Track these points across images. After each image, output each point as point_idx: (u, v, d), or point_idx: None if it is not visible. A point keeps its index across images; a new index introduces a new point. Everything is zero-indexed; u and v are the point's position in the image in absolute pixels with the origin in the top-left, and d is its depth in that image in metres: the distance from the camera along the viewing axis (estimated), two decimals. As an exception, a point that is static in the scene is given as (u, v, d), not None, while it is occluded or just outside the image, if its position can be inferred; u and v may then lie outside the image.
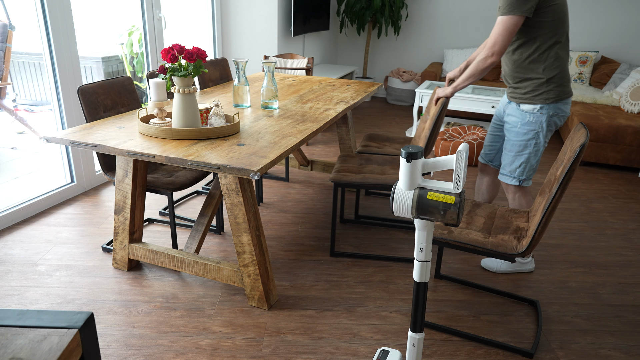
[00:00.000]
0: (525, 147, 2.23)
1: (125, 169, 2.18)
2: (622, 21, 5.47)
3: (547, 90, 2.14)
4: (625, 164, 3.98)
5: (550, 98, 2.15)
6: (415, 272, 1.48)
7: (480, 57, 2.11)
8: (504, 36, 2.04)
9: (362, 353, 1.87)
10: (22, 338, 0.61)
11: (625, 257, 2.67)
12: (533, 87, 2.17)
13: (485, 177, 2.54)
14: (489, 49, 2.07)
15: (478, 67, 2.12)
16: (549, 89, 2.14)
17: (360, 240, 2.73)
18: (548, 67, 2.13)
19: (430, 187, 1.36)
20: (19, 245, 2.55)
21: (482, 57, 2.10)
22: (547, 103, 2.15)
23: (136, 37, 4.98)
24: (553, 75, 2.13)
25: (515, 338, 1.98)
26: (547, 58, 2.12)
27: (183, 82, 2.02)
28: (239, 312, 2.08)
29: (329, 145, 4.42)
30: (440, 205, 1.33)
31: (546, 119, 2.18)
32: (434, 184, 1.37)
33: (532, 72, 2.16)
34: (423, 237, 1.42)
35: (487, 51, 2.08)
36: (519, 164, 2.26)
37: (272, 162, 1.80)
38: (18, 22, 5.04)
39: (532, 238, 1.77)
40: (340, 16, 6.41)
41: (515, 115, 2.24)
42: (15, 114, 4.12)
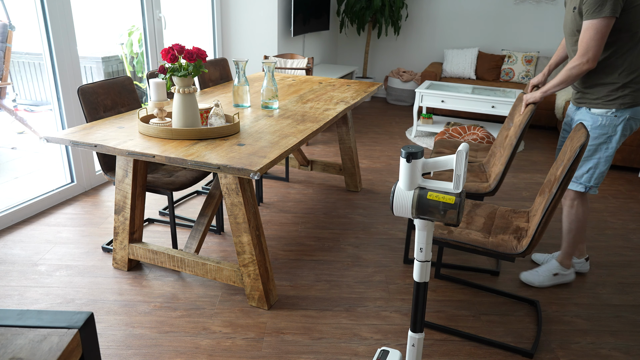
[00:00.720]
0: (595, 151, 2.10)
1: (125, 169, 2.18)
2: (622, 21, 5.46)
3: (623, 95, 2.02)
4: (625, 164, 3.98)
5: (626, 103, 2.02)
6: (415, 272, 1.48)
7: (574, 64, 2.00)
8: (597, 40, 1.93)
9: (362, 353, 1.87)
10: (22, 338, 0.61)
11: (625, 257, 2.67)
12: (607, 92, 2.05)
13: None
14: (582, 56, 1.98)
15: (572, 73, 2.02)
16: (624, 93, 2.02)
17: (360, 240, 2.73)
18: (625, 72, 2.01)
19: (430, 187, 1.36)
20: (19, 245, 2.55)
21: (576, 63, 2.00)
22: (623, 108, 2.04)
23: (136, 37, 4.98)
24: (630, 80, 2.01)
25: (515, 338, 1.98)
26: (623, 62, 2.00)
27: (183, 82, 2.01)
28: (239, 312, 2.08)
29: (329, 145, 4.42)
30: (440, 205, 1.33)
31: (622, 123, 2.05)
32: (434, 184, 1.37)
33: (606, 77, 2.04)
34: (423, 237, 1.42)
35: (581, 58, 1.98)
36: (587, 169, 2.12)
37: (272, 162, 1.80)
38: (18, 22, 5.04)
39: (532, 238, 1.77)
40: (340, 16, 6.41)
41: (586, 118, 2.12)
42: (15, 114, 4.12)
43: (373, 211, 3.11)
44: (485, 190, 2.34)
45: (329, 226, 2.88)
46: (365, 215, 3.04)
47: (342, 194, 3.36)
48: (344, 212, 3.08)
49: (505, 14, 5.85)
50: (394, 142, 4.60)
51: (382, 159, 4.13)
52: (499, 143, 2.53)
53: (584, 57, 1.97)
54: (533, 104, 2.26)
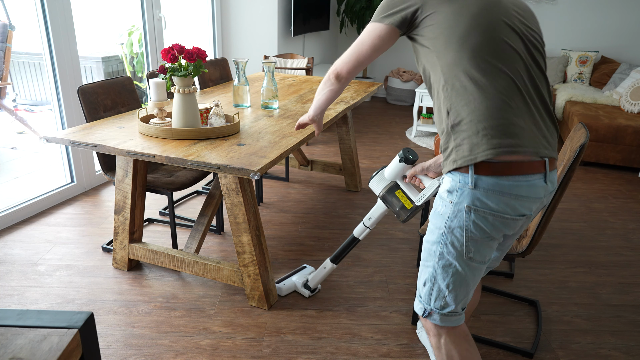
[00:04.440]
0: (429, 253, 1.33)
1: (125, 169, 2.18)
2: (622, 21, 5.47)
3: (456, 147, 1.22)
4: (625, 164, 3.98)
5: (460, 159, 1.21)
6: (357, 230, 1.93)
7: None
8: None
9: (362, 353, 1.87)
10: (22, 338, 0.61)
11: (625, 257, 2.66)
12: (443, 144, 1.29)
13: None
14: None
15: None
16: (457, 143, 1.23)
17: (360, 240, 2.73)
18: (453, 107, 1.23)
19: (403, 187, 1.65)
20: (19, 245, 2.55)
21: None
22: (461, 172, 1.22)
23: (136, 37, 4.98)
24: (461, 120, 1.21)
25: (515, 338, 1.98)
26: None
27: (183, 82, 2.01)
28: (239, 312, 2.08)
29: (329, 145, 4.42)
30: (400, 203, 1.66)
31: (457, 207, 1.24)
32: (407, 188, 1.64)
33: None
34: (378, 212, 1.83)
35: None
36: (423, 280, 1.36)
37: (272, 162, 1.80)
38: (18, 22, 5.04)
39: (532, 238, 1.77)
40: (340, 16, 6.41)
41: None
42: (15, 114, 4.12)
43: (373, 211, 3.11)
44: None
45: (329, 226, 2.88)
46: (364, 215, 3.04)
47: (342, 194, 3.36)
48: (344, 212, 3.08)
49: (505, 14, 5.84)
50: (394, 142, 4.60)
51: (382, 159, 4.13)
52: None
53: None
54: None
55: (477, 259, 1.26)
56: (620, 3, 5.41)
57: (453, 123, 1.23)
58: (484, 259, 1.27)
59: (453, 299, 1.29)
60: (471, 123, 1.19)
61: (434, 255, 1.29)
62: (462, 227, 1.23)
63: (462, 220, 1.22)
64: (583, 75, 5.39)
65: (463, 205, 1.21)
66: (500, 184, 1.18)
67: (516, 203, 1.19)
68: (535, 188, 1.20)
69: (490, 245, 1.26)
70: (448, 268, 1.27)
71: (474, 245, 1.24)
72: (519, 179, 1.18)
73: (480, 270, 1.30)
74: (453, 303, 1.30)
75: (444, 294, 1.29)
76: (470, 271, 1.28)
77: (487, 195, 1.19)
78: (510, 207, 1.20)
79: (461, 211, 1.22)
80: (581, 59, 5.41)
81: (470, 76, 1.19)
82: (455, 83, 1.21)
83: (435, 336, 1.36)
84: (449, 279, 1.28)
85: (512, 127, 1.17)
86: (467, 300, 1.33)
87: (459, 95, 1.21)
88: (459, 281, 1.28)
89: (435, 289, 1.31)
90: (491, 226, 1.22)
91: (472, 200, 1.20)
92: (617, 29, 5.51)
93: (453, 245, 1.25)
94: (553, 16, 5.68)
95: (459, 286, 1.28)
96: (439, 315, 1.32)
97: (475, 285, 1.33)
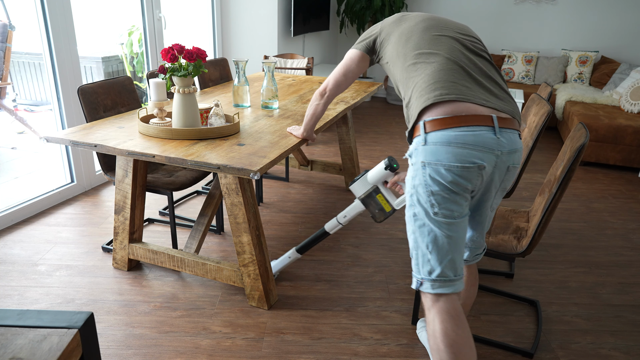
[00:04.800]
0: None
1: (125, 169, 2.18)
2: (622, 21, 5.47)
3: (410, 116, 1.42)
4: (625, 164, 3.98)
5: (412, 118, 1.40)
6: (329, 224, 2.03)
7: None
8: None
9: (362, 353, 1.87)
10: (22, 338, 0.61)
11: (625, 257, 2.66)
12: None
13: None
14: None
15: None
16: (410, 113, 1.43)
17: (360, 240, 2.73)
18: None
19: (383, 192, 1.83)
20: (19, 245, 2.55)
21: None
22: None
23: (136, 37, 4.98)
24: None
25: (515, 338, 1.98)
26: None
27: (183, 82, 2.01)
28: (239, 312, 2.08)
29: (329, 145, 4.42)
30: (379, 205, 1.83)
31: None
32: (387, 192, 1.82)
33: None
34: (354, 211, 1.95)
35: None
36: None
37: (272, 162, 1.80)
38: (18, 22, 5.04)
39: (532, 238, 1.77)
40: (340, 16, 6.41)
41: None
42: (15, 114, 4.12)
43: (373, 211, 3.11)
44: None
45: (329, 226, 2.88)
46: (365, 215, 3.04)
47: (342, 194, 3.36)
48: (344, 212, 3.08)
49: (505, 14, 5.85)
50: (394, 142, 4.60)
51: (382, 159, 4.13)
52: None
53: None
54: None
55: (444, 213, 1.32)
56: (620, 3, 5.41)
57: (407, 102, 1.43)
58: (451, 215, 1.33)
59: (436, 260, 1.35)
60: (417, 92, 1.39)
61: (411, 219, 1.39)
62: (422, 183, 1.33)
63: (421, 176, 1.33)
64: (583, 75, 5.39)
65: (419, 162, 1.34)
66: (446, 135, 1.29)
67: (464, 151, 1.28)
68: (483, 138, 1.29)
69: (455, 200, 1.32)
70: (423, 228, 1.36)
71: (437, 200, 1.32)
72: (463, 129, 1.29)
73: (453, 228, 1.34)
74: (438, 265, 1.35)
75: (427, 257, 1.37)
76: (442, 229, 1.34)
77: (437, 148, 1.30)
78: (459, 156, 1.28)
79: (418, 168, 1.34)
80: (581, 59, 5.41)
81: (415, 63, 1.43)
82: (409, 74, 1.44)
83: (427, 310, 1.40)
84: (427, 238, 1.36)
85: (450, 83, 1.34)
86: (455, 267, 1.37)
87: (410, 80, 1.43)
88: (436, 240, 1.34)
89: (420, 255, 1.39)
90: (446, 178, 1.30)
91: (424, 155, 1.32)
92: (617, 29, 5.51)
93: (420, 203, 1.35)
94: (553, 16, 5.68)
95: (438, 246, 1.35)
96: (429, 282, 1.37)
97: (456, 248, 1.36)
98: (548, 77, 5.51)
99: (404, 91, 1.46)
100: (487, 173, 1.34)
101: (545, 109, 2.19)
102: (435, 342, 1.35)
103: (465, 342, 1.34)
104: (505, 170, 1.38)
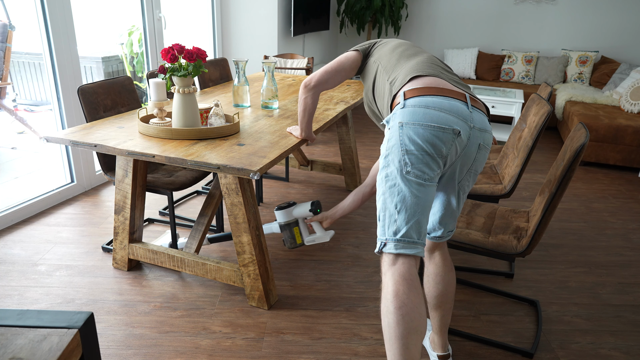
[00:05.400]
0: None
1: (125, 169, 2.18)
2: (622, 21, 5.47)
3: (393, 90, 1.60)
4: (625, 164, 3.98)
5: (395, 88, 1.57)
6: (267, 228, 2.15)
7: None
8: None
9: (362, 353, 1.87)
10: (22, 338, 0.61)
11: (625, 257, 2.66)
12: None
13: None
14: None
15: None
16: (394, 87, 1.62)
17: (360, 240, 2.73)
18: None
19: (300, 226, 2.07)
20: (19, 245, 2.55)
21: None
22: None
23: (136, 37, 4.98)
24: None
25: (515, 338, 1.98)
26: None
27: (183, 82, 2.01)
28: (239, 312, 2.08)
29: (329, 145, 4.42)
30: (293, 235, 2.07)
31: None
32: (303, 227, 2.07)
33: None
34: (270, 230, 2.13)
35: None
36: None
37: (272, 162, 1.80)
38: (18, 22, 5.04)
39: (532, 238, 1.77)
40: (340, 16, 6.41)
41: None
42: (15, 114, 4.12)
43: (373, 211, 3.11)
44: (500, 193, 2.32)
45: (328, 226, 2.88)
46: (365, 215, 3.04)
47: (342, 194, 3.36)
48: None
49: (505, 14, 5.85)
50: (394, 142, 4.60)
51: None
52: (512, 144, 2.52)
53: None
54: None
55: (415, 173, 1.37)
56: (620, 3, 5.41)
57: (391, 81, 1.56)
58: (422, 176, 1.38)
59: (403, 220, 1.38)
60: (401, 73, 1.54)
61: (382, 181, 1.43)
62: (398, 143, 1.38)
63: (397, 137, 1.39)
64: (583, 75, 5.39)
65: (396, 123, 1.40)
66: (424, 100, 1.39)
67: (441, 114, 1.37)
68: (457, 108, 1.40)
69: (427, 162, 1.37)
70: (393, 188, 1.39)
71: (410, 159, 1.37)
72: (440, 97, 1.40)
73: (422, 190, 1.38)
74: (404, 225, 1.38)
75: (394, 217, 1.39)
76: (412, 189, 1.37)
77: (415, 110, 1.38)
78: (435, 117, 1.36)
79: (395, 129, 1.40)
80: (581, 59, 5.41)
81: (401, 58, 1.62)
82: (394, 67, 1.61)
83: (383, 275, 1.42)
84: (396, 198, 1.38)
85: (429, 68, 1.52)
86: (420, 230, 1.40)
87: (395, 68, 1.59)
88: (404, 200, 1.38)
89: (387, 216, 1.40)
90: (422, 137, 1.36)
91: (402, 116, 1.39)
92: (617, 29, 5.51)
93: (393, 162, 1.39)
94: (553, 16, 5.68)
95: (406, 206, 1.38)
96: (393, 242, 1.39)
97: (423, 212, 1.39)
98: (548, 77, 5.51)
99: (388, 75, 1.61)
100: (462, 144, 1.41)
101: (545, 109, 2.19)
102: (386, 305, 1.37)
103: (415, 306, 1.34)
104: (477, 147, 1.46)
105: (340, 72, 1.78)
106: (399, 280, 1.36)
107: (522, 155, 2.27)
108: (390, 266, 1.39)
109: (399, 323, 1.33)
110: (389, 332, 1.36)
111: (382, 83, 1.63)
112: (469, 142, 1.43)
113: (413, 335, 1.33)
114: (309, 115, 1.95)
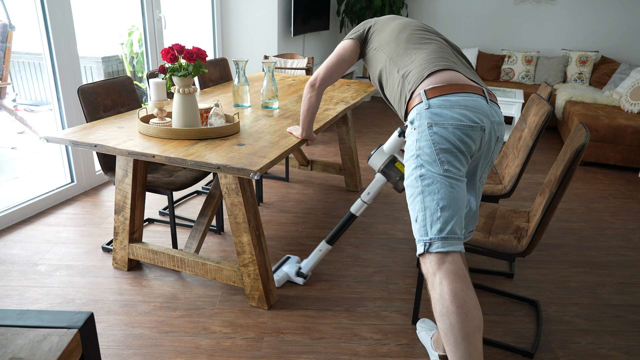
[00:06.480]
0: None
1: (125, 169, 2.18)
2: (622, 21, 5.47)
3: (407, 86, 1.63)
4: (625, 164, 3.98)
5: (412, 85, 1.57)
6: (355, 206, 2.06)
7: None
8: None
9: (362, 353, 1.87)
10: (22, 338, 0.61)
11: (625, 257, 2.66)
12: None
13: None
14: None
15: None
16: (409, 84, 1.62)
17: (360, 240, 2.73)
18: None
19: (401, 160, 1.87)
20: (19, 245, 2.55)
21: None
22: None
23: (136, 37, 4.98)
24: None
25: (515, 338, 1.98)
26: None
27: (183, 82, 2.01)
28: (239, 312, 2.08)
29: (329, 145, 4.42)
30: (400, 173, 1.85)
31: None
32: (401, 158, 1.88)
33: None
34: (377, 186, 1.96)
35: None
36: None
37: (272, 162, 1.80)
38: (18, 22, 5.04)
39: (532, 238, 1.77)
40: (340, 16, 6.41)
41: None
42: (15, 114, 4.12)
43: (373, 211, 3.11)
44: (500, 193, 2.32)
45: (329, 226, 2.88)
46: (365, 215, 3.04)
47: (342, 194, 3.36)
48: (344, 212, 3.08)
49: (505, 14, 5.85)
50: (394, 142, 4.60)
51: (382, 159, 4.12)
52: (512, 144, 2.52)
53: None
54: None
55: (452, 171, 1.39)
56: (620, 3, 5.41)
57: (403, 74, 1.56)
58: (458, 173, 1.40)
59: (447, 217, 1.36)
60: (416, 66, 1.53)
61: (416, 182, 1.41)
62: (429, 143, 1.39)
63: (427, 136, 1.40)
64: (583, 75, 5.39)
65: (424, 124, 1.41)
66: (448, 99, 1.41)
67: (467, 112, 1.40)
68: (479, 104, 1.43)
69: (459, 159, 1.40)
70: (432, 186, 1.38)
71: (445, 157, 1.39)
72: (463, 95, 1.42)
73: (458, 187, 1.39)
74: (449, 222, 1.37)
75: (437, 214, 1.37)
76: (452, 186, 1.38)
77: (441, 111, 1.40)
78: (463, 115, 1.39)
79: (424, 130, 1.41)
80: (581, 59, 5.41)
81: (407, 48, 1.61)
82: (402, 56, 1.60)
83: (432, 275, 1.36)
84: (437, 196, 1.37)
85: (444, 58, 1.53)
86: (461, 225, 1.39)
87: (404, 57, 1.59)
88: (446, 198, 1.37)
89: (428, 215, 1.38)
90: (452, 135, 1.38)
91: (429, 117, 1.41)
92: (617, 29, 5.51)
93: (428, 162, 1.40)
94: (553, 16, 5.68)
95: (449, 203, 1.37)
96: (440, 240, 1.35)
97: (461, 208, 1.39)
98: (548, 77, 5.51)
99: (398, 68, 1.60)
100: (485, 138, 1.45)
101: (545, 109, 2.19)
102: (444, 305, 1.31)
103: (476, 302, 1.33)
104: (495, 140, 1.50)
105: (342, 64, 1.80)
106: (454, 279, 1.32)
107: (522, 155, 2.27)
108: (439, 265, 1.34)
109: (464, 323, 1.30)
110: (452, 333, 1.31)
111: (392, 74, 1.62)
112: (490, 137, 1.47)
113: (478, 333, 1.32)
114: (312, 115, 1.97)
